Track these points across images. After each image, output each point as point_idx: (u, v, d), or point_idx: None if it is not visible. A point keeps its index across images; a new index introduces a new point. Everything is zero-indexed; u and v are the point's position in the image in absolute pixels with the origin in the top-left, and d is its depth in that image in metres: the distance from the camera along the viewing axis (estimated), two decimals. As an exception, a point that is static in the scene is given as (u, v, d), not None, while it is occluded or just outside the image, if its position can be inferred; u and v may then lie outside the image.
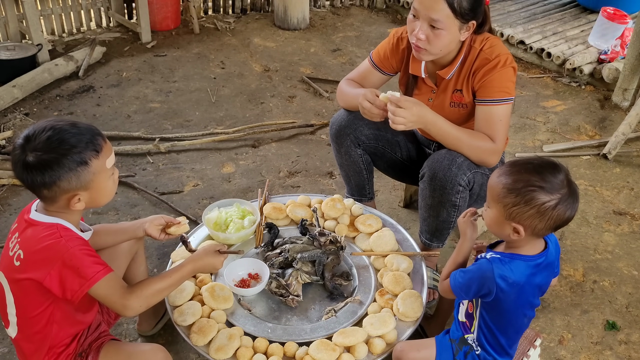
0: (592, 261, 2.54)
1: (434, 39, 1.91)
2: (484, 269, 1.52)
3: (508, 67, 1.97)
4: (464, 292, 1.57)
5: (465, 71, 2.03)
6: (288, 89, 3.91)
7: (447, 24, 1.87)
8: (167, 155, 3.13)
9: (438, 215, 2.09)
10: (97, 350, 1.59)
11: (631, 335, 2.20)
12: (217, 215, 2.15)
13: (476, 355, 1.64)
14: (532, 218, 1.44)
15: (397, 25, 5.08)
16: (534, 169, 1.46)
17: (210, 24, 4.81)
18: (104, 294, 1.46)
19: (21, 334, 1.55)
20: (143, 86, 3.82)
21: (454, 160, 1.98)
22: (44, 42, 3.86)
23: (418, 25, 1.91)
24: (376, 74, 2.23)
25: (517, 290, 1.51)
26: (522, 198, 1.43)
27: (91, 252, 1.45)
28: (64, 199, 1.43)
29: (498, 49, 1.98)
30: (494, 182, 1.51)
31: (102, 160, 1.44)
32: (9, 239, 1.51)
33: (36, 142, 1.38)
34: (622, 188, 3.05)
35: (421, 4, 1.88)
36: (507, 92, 1.97)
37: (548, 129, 3.58)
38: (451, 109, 2.11)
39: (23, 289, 1.47)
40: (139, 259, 1.89)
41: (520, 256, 1.52)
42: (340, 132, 2.25)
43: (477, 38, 2.01)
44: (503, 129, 1.99)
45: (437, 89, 2.12)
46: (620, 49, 4.01)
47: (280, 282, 1.91)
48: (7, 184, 2.77)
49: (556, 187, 1.43)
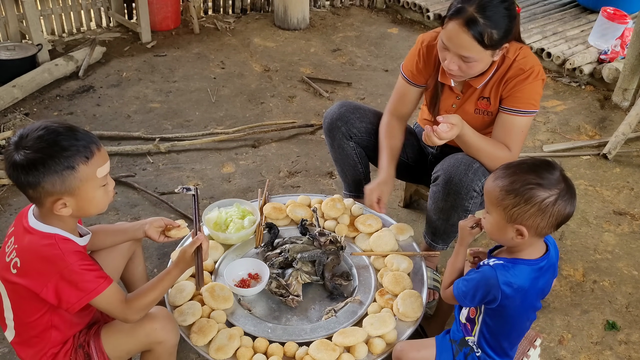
0: (592, 261, 2.54)
1: (466, 70, 1.89)
2: (488, 276, 1.51)
3: (539, 80, 1.95)
4: (469, 300, 1.56)
5: (495, 79, 2.00)
6: (288, 89, 3.91)
7: (479, 57, 1.84)
8: (167, 155, 3.13)
9: (449, 219, 2.08)
10: (97, 334, 1.58)
11: (631, 335, 2.20)
12: (217, 215, 2.15)
13: (476, 356, 1.64)
14: (534, 217, 1.44)
15: (397, 25, 5.08)
16: (529, 168, 1.46)
17: (210, 24, 4.81)
18: (104, 306, 1.49)
19: (18, 337, 1.55)
20: (143, 86, 3.82)
21: (471, 166, 1.97)
22: (44, 42, 3.86)
23: (449, 56, 1.88)
24: (412, 89, 2.21)
25: (522, 295, 1.51)
26: (521, 197, 1.43)
27: (91, 266, 1.44)
28: (49, 201, 1.40)
29: (531, 60, 1.95)
30: (491, 187, 1.50)
31: (91, 168, 1.40)
32: (6, 242, 1.50)
33: (28, 139, 1.36)
34: (622, 188, 3.04)
35: (449, 41, 1.84)
36: (534, 104, 1.96)
37: (548, 129, 3.58)
38: (475, 115, 2.09)
39: (20, 295, 1.47)
40: (137, 259, 1.89)
41: (523, 261, 1.52)
42: (332, 126, 2.26)
43: (510, 47, 1.95)
44: (521, 140, 2.01)
45: (462, 95, 2.10)
46: (620, 49, 4.01)
47: (280, 282, 1.91)
48: (7, 184, 2.77)
49: (553, 182, 1.43)
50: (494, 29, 1.78)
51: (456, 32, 1.80)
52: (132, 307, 1.52)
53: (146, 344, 1.60)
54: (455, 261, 1.68)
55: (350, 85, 3.98)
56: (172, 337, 1.62)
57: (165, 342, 1.61)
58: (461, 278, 1.60)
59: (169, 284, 1.62)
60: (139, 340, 1.58)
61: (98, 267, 1.48)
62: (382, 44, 4.71)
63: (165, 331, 1.59)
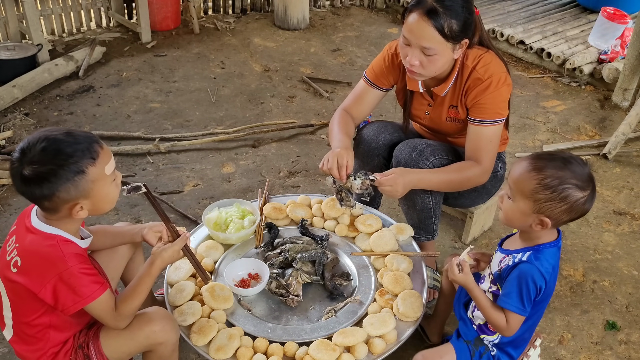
0: (592, 261, 2.54)
1: (427, 64, 1.90)
2: (530, 272, 1.52)
3: (502, 87, 1.96)
4: (526, 306, 1.55)
5: (458, 88, 2.03)
6: (288, 89, 3.91)
7: (440, 49, 1.87)
8: (167, 155, 3.13)
9: (414, 204, 2.13)
10: (96, 335, 1.58)
11: (631, 335, 2.20)
12: (217, 215, 2.15)
13: (491, 355, 1.66)
14: (562, 212, 1.49)
15: (397, 25, 5.09)
16: (564, 165, 1.48)
17: (210, 24, 4.81)
18: (97, 313, 1.49)
19: (17, 336, 1.55)
20: (143, 86, 3.82)
21: (415, 147, 2.06)
22: (44, 42, 3.86)
23: (410, 51, 1.90)
24: (372, 91, 2.23)
25: (554, 275, 1.58)
26: (557, 195, 1.46)
27: (89, 271, 1.45)
28: (65, 208, 1.41)
29: (492, 68, 1.96)
30: (525, 178, 1.51)
31: (99, 167, 1.42)
32: (7, 241, 1.51)
33: (32, 154, 1.36)
34: (622, 188, 3.05)
35: (411, 33, 1.87)
36: (500, 112, 1.98)
37: (548, 129, 3.58)
38: (448, 123, 2.14)
39: (19, 294, 1.48)
40: (137, 260, 1.89)
41: (546, 245, 1.57)
42: (370, 153, 2.26)
43: (469, 54, 1.98)
44: (492, 150, 2.03)
45: (433, 102, 2.13)
46: (620, 49, 4.01)
47: (280, 282, 1.91)
48: (7, 184, 2.77)
49: (586, 182, 1.48)
50: (454, 18, 1.82)
51: (417, 23, 1.84)
52: (121, 314, 1.52)
53: (146, 346, 1.60)
54: (479, 293, 1.63)
55: (350, 85, 3.97)
56: (172, 336, 1.62)
57: (166, 343, 1.61)
58: (502, 296, 1.58)
59: (150, 284, 1.59)
60: (138, 342, 1.58)
61: (96, 272, 1.48)
62: (382, 44, 4.70)
63: (164, 332, 1.59)
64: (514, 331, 1.59)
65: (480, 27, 1.99)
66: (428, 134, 2.32)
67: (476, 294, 1.62)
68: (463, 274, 1.63)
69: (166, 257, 1.60)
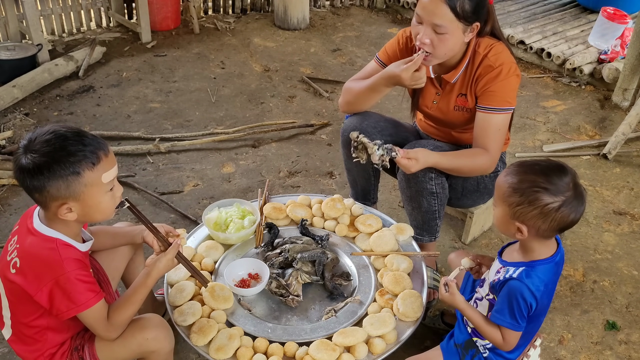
0: (592, 261, 2.54)
1: (438, 43, 1.91)
2: (520, 290, 1.50)
3: (511, 76, 1.97)
4: (520, 322, 1.54)
5: (469, 76, 2.04)
6: (288, 89, 3.91)
7: (451, 28, 1.88)
8: (167, 155, 3.13)
9: (420, 206, 2.13)
10: (92, 339, 1.58)
11: (631, 335, 2.20)
12: (217, 215, 2.15)
13: (483, 357, 1.65)
14: (535, 218, 1.45)
15: (397, 25, 5.09)
16: (541, 171, 1.47)
17: (210, 24, 4.81)
18: (89, 321, 1.49)
19: (15, 336, 1.55)
20: (143, 86, 3.82)
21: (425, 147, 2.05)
22: (44, 42, 3.86)
23: (422, 29, 1.92)
24: None
25: (549, 292, 1.55)
26: (526, 198, 1.45)
27: (86, 278, 1.44)
28: (54, 205, 1.40)
29: (503, 57, 1.98)
30: (501, 182, 1.52)
31: (97, 174, 1.39)
32: (9, 241, 1.51)
33: (35, 143, 1.36)
34: (622, 188, 3.04)
35: (424, 10, 1.89)
36: (509, 101, 1.99)
37: (548, 129, 3.58)
38: (455, 112, 2.13)
39: (17, 295, 1.48)
40: (137, 261, 1.89)
41: (540, 261, 1.53)
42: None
43: (481, 42, 2.00)
44: (499, 138, 2.03)
45: (441, 91, 2.13)
46: (620, 49, 4.01)
47: (280, 282, 1.91)
48: (7, 184, 2.77)
49: (561, 189, 1.44)
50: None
51: (431, 0, 1.86)
52: (113, 324, 1.51)
53: (139, 353, 1.60)
54: (472, 312, 1.62)
55: (350, 85, 3.97)
56: (166, 345, 1.62)
57: (159, 351, 1.61)
58: (494, 312, 1.57)
59: (145, 295, 1.58)
60: (131, 349, 1.58)
61: (93, 280, 1.47)
62: (382, 44, 4.66)
63: (157, 341, 1.59)
64: (512, 346, 1.58)
65: (494, 17, 2.00)
66: (432, 127, 2.32)
67: (468, 314, 1.61)
68: (449, 295, 1.61)
69: (161, 268, 1.59)
